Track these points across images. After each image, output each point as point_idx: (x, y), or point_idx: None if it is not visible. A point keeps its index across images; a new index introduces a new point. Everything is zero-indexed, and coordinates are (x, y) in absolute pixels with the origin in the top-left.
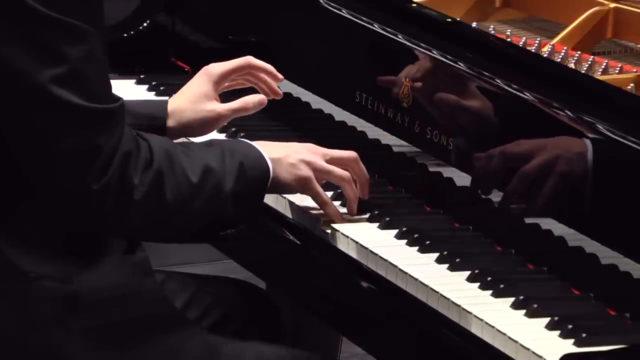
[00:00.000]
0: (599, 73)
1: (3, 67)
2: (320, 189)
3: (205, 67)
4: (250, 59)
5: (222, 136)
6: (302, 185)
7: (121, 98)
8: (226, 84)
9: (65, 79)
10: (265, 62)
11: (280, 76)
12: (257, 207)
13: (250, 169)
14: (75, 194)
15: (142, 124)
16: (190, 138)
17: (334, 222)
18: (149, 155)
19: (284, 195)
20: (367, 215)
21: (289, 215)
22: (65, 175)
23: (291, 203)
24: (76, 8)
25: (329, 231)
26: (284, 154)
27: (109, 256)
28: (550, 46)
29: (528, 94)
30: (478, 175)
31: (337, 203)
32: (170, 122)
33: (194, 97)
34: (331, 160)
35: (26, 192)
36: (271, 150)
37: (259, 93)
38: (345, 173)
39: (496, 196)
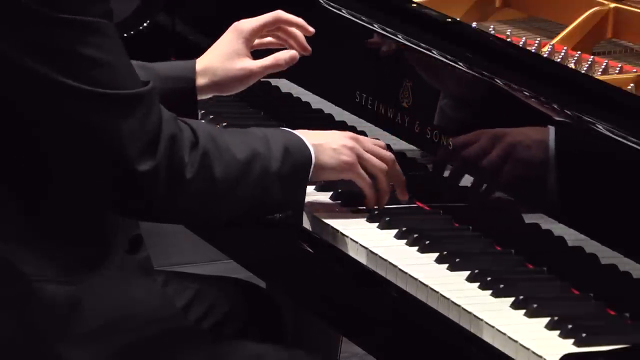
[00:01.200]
0: (599, 73)
1: (25, 76)
2: (363, 172)
3: (235, 23)
4: (280, 13)
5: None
6: (345, 169)
7: (149, 80)
8: (256, 41)
9: (87, 74)
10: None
11: (311, 29)
12: (302, 192)
13: (294, 152)
14: (126, 181)
15: (170, 87)
16: (223, 94)
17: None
18: (192, 136)
19: None
20: (367, 215)
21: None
22: (113, 164)
23: None
24: (81, 2)
25: (328, 231)
26: (324, 140)
27: (111, 256)
28: (550, 46)
29: (528, 94)
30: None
31: (336, 203)
32: (201, 81)
33: (225, 54)
34: (369, 150)
35: (36, 195)
36: (312, 137)
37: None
38: (382, 164)
39: (497, 196)
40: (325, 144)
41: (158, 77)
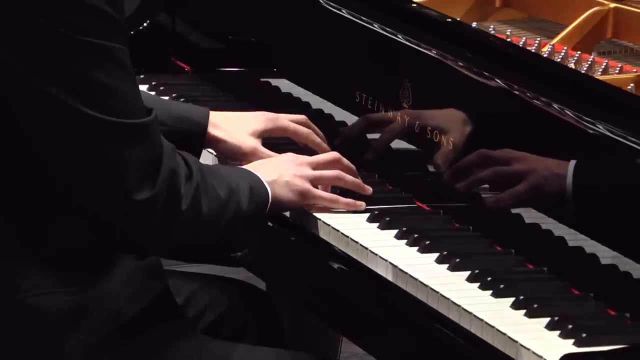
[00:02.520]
0: (599, 73)
1: (36, 97)
2: (321, 193)
3: (277, 116)
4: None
5: None
6: (303, 197)
7: (152, 109)
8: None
9: (97, 100)
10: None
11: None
12: (262, 231)
13: (257, 192)
14: (121, 208)
15: (182, 127)
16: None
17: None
18: (187, 170)
19: None
20: (367, 215)
21: (288, 215)
22: (113, 191)
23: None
24: (100, 26)
25: (328, 231)
26: (277, 175)
27: (119, 263)
28: (550, 46)
29: (528, 94)
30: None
31: None
32: (212, 131)
33: (243, 127)
34: (317, 166)
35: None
36: (265, 174)
37: None
38: (335, 172)
39: (497, 196)
40: (278, 179)
41: (170, 115)
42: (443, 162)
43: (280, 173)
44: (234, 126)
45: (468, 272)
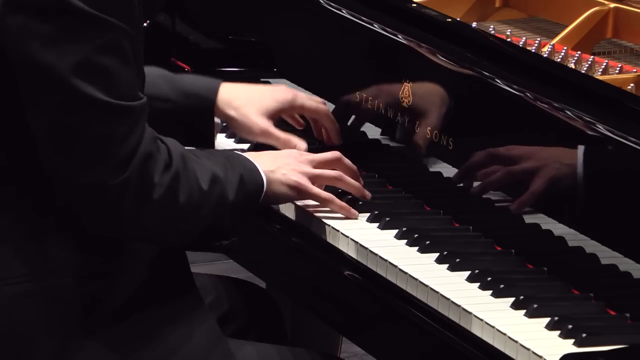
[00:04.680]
0: (599, 73)
1: (29, 60)
2: (317, 190)
3: (294, 91)
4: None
5: None
6: (298, 191)
7: (144, 97)
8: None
9: (86, 69)
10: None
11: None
12: (248, 220)
13: (248, 182)
14: (93, 189)
15: (191, 104)
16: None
17: (348, 216)
18: (167, 157)
19: None
20: (367, 215)
21: (289, 215)
22: (82, 169)
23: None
24: (108, 4)
25: (329, 231)
26: (275, 167)
27: (140, 249)
28: (550, 46)
29: (528, 94)
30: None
31: None
32: (221, 106)
33: (256, 104)
34: (318, 165)
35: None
36: (264, 163)
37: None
38: (335, 172)
39: (496, 196)
40: (276, 170)
41: (175, 90)
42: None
43: (279, 165)
44: (248, 102)
45: (468, 272)
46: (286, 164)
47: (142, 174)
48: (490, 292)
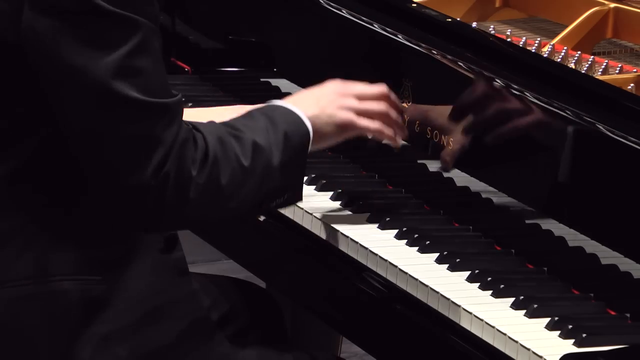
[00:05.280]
0: (599, 73)
1: (61, 65)
2: (366, 122)
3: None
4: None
5: None
6: (345, 130)
7: (179, 94)
8: None
9: (122, 71)
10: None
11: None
12: (302, 172)
13: (293, 136)
14: (133, 188)
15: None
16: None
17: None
18: (204, 146)
19: None
20: (367, 215)
21: (289, 215)
22: (123, 171)
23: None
24: (135, 3)
25: (329, 231)
26: (319, 109)
27: (144, 255)
28: (550, 46)
29: (528, 94)
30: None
31: (337, 203)
32: None
33: None
34: (363, 98)
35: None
36: (307, 108)
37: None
38: (382, 107)
39: (497, 196)
40: (320, 113)
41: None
42: (443, 160)
43: (323, 106)
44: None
45: (468, 272)
46: (330, 102)
47: (181, 168)
48: (491, 292)
